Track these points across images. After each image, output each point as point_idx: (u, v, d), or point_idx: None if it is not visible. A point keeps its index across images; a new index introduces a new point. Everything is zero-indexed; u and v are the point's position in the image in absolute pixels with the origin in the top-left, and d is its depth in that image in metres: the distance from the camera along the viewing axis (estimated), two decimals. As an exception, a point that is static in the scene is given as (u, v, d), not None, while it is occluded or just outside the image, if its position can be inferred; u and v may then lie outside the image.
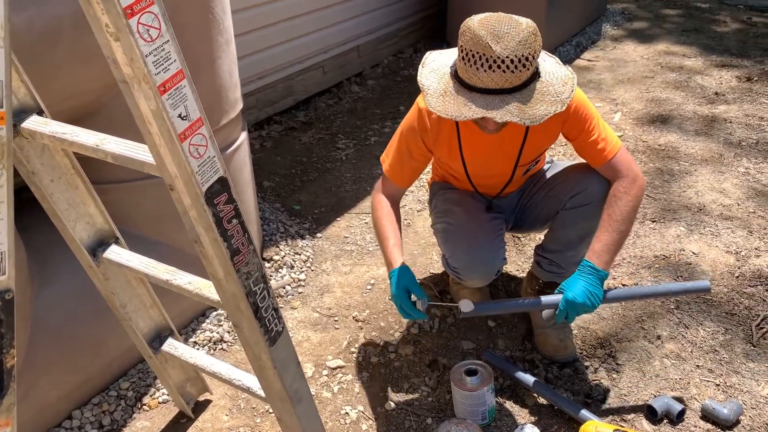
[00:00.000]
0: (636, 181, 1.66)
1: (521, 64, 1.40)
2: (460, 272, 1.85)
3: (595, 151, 1.69)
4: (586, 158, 1.75)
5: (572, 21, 4.75)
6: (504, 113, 1.41)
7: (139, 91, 0.85)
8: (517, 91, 1.44)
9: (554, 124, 1.70)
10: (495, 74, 1.40)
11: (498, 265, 1.85)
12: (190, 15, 1.72)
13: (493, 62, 1.39)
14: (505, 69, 1.39)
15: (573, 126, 1.69)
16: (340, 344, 2.02)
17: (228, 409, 1.79)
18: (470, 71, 1.43)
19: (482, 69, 1.40)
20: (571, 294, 1.56)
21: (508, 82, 1.41)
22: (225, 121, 1.98)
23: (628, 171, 1.67)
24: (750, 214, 2.57)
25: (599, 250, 1.60)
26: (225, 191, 1.00)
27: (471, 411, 1.66)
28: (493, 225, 1.88)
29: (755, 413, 1.69)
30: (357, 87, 4.16)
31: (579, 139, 1.70)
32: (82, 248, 1.33)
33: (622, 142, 1.72)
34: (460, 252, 1.83)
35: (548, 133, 1.74)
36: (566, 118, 1.67)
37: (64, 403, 1.72)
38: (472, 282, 1.92)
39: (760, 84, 3.91)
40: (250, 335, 1.18)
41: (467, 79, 1.45)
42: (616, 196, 1.65)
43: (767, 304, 2.07)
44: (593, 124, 1.68)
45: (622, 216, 1.62)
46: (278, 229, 2.57)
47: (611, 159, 1.68)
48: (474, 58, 1.41)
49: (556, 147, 3.24)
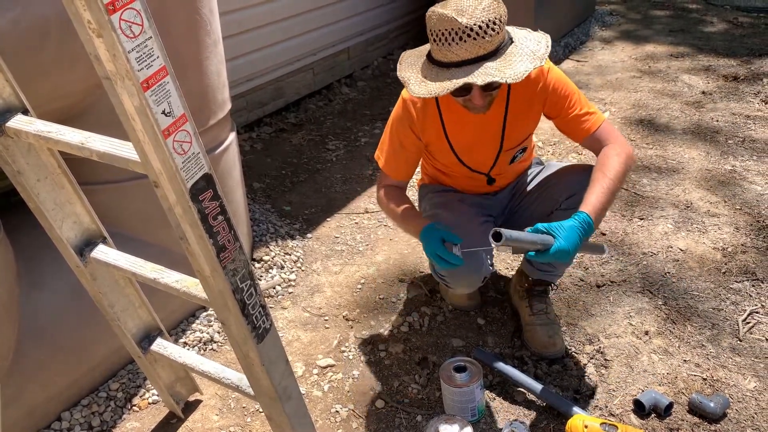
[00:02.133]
0: (625, 147, 1.66)
1: (490, 29, 1.44)
2: (447, 280, 1.83)
3: (578, 123, 1.70)
4: (570, 133, 1.75)
5: (561, 22, 4.78)
6: (485, 76, 1.44)
7: (123, 88, 0.85)
8: (492, 56, 1.47)
9: (535, 103, 1.72)
10: (467, 44, 1.44)
11: (484, 273, 1.81)
12: (177, 16, 1.73)
13: (462, 32, 1.43)
14: (475, 36, 1.43)
15: (554, 103, 1.71)
16: (331, 343, 2.02)
17: (218, 409, 1.79)
18: (444, 49, 1.47)
19: (454, 42, 1.45)
20: (567, 244, 1.46)
21: (482, 48, 1.45)
22: (213, 122, 1.98)
23: (615, 139, 1.68)
24: (736, 211, 2.60)
25: (596, 207, 1.54)
26: (210, 188, 1.00)
27: (461, 407, 1.67)
28: (481, 231, 1.86)
29: (741, 406, 1.70)
30: (347, 88, 4.17)
31: (561, 114, 1.72)
32: (69, 248, 1.33)
33: (605, 116, 1.73)
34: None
35: (530, 113, 1.75)
36: (546, 96, 1.69)
37: (53, 405, 1.71)
38: (460, 289, 1.93)
39: (746, 83, 3.95)
40: (238, 332, 1.18)
41: (443, 57, 1.49)
42: (608, 156, 1.63)
43: (753, 300, 2.09)
44: (575, 99, 1.70)
45: (615, 174, 1.59)
46: (268, 230, 2.57)
47: (595, 131, 1.69)
48: (444, 35, 1.45)
49: (546, 146, 3.26)
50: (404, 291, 2.25)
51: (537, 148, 3.21)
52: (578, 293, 2.17)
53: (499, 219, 2.01)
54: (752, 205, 2.63)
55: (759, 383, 1.77)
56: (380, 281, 2.31)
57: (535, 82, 1.69)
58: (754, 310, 2.05)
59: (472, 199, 1.94)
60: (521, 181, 1.98)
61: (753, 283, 2.17)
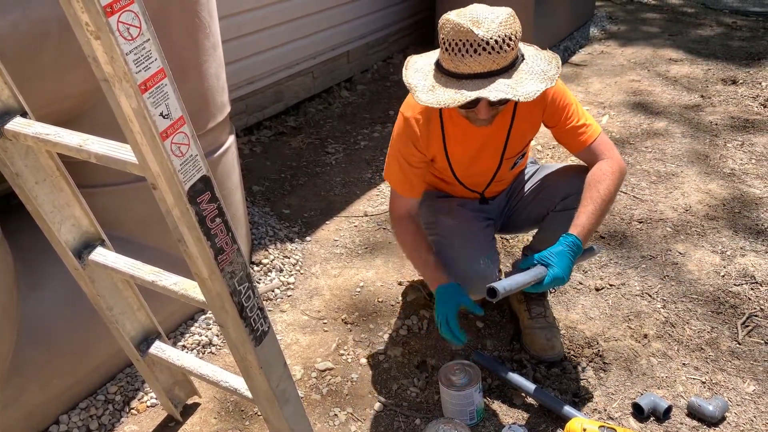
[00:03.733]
0: (618, 164, 1.68)
1: (505, 44, 1.42)
2: None
3: (575, 136, 1.71)
4: (567, 144, 1.76)
5: (560, 26, 4.79)
6: (497, 92, 1.42)
7: (120, 90, 0.85)
8: (504, 72, 1.46)
9: (536, 112, 1.72)
10: (481, 57, 1.42)
11: (493, 276, 1.79)
12: (177, 19, 1.73)
13: (477, 45, 1.41)
14: (490, 51, 1.41)
15: (553, 113, 1.71)
16: (329, 346, 2.02)
17: (216, 412, 1.79)
18: (456, 59, 1.45)
19: (468, 54, 1.42)
20: (560, 271, 1.54)
21: (495, 63, 1.43)
22: (212, 125, 1.98)
23: (610, 154, 1.69)
24: (735, 214, 2.60)
25: (585, 228, 1.59)
26: (208, 190, 1.00)
27: (459, 411, 1.67)
28: (486, 235, 1.87)
29: (740, 410, 1.70)
30: (347, 92, 4.17)
31: (559, 125, 1.72)
32: (68, 251, 1.32)
33: (601, 128, 1.74)
34: (454, 268, 1.76)
35: (531, 121, 1.76)
36: (545, 105, 1.70)
37: (51, 407, 1.71)
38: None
39: (745, 87, 3.95)
40: (236, 335, 1.18)
41: (454, 68, 1.47)
42: (603, 174, 1.65)
43: (752, 303, 2.09)
44: (572, 110, 1.71)
45: (606, 193, 1.62)
46: (267, 233, 2.57)
47: (591, 143, 1.70)
48: (458, 46, 1.43)
49: (545, 150, 3.26)
50: (403, 294, 2.25)
51: (536, 152, 3.22)
52: (577, 296, 2.17)
53: (499, 221, 2.02)
54: (751, 208, 2.64)
55: (758, 387, 1.77)
56: (379, 284, 2.31)
57: None
58: (753, 313, 2.05)
59: (472, 204, 1.95)
60: (517, 183, 1.99)
61: (752, 286, 2.17)
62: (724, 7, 5.89)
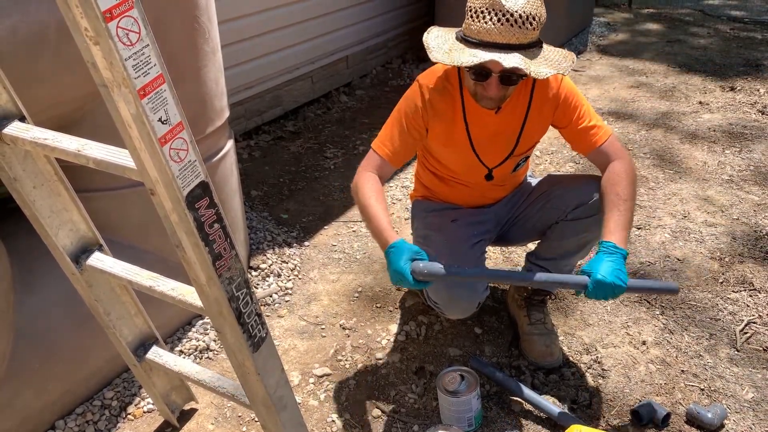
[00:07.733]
0: (630, 163, 1.67)
1: (528, 22, 1.44)
2: (441, 307, 1.79)
3: (586, 136, 1.70)
4: (578, 145, 1.75)
5: (558, 33, 4.81)
6: (511, 60, 1.42)
7: (119, 95, 0.85)
8: (522, 49, 1.47)
9: (548, 111, 1.72)
10: (503, 27, 1.43)
11: (480, 298, 1.77)
12: (176, 24, 1.73)
13: (502, 15, 1.43)
14: (513, 23, 1.43)
15: (565, 112, 1.71)
16: (327, 352, 2.01)
17: (213, 418, 1.78)
18: (479, 24, 1.46)
19: (491, 22, 1.44)
20: (600, 274, 1.44)
21: (515, 37, 1.44)
22: (211, 129, 1.98)
23: (621, 155, 1.68)
24: (734, 221, 2.60)
25: (616, 230, 1.54)
26: (206, 195, 1.00)
27: (457, 417, 1.66)
28: (474, 252, 1.83)
29: (739, 417, 1.70)
30: (346, 97, 4.18)
31: (570, 125, 1.72)
32: (65, 255, 1.32)
33: (611, 131, 1.74)
34: (440, 287, 1.74)
35: (542, 121, 1.75)
36: (558, 104, 1.70)
37: (47, 413, 1.70)
38: (454, 315, 1.85)
39: (742, 93, 3.97)
40: (234, 341, 1.17)
41: (475, 33, 1.48)
42: (619, 176, 1.63)
43: (751, 310, 2.09)
44: (584, 110, 1.71)
45: (628, 195, 1.60)
46: (265, 238, 2.56)
47: (602, 144, 1.69)
48: (484, 12, 1.45)
49: (543, 156, 3.26)
50: (401, 300, 2.24)
51: (535, 157, 3.22)
52: (576, 303, 2.17)
53: (494, 233, 1.98)
54: (749, 215, 2.64)
55: (757, 393, 1.77)
56: (377, 290, 2.31)
57: (549, 88, 1.70)
58: (752, 320, 2.04)
59: (467, 218, 1.89)
60: (519, 193, 1.97)
61: (750, 293, 2.17)
62: (723, 14, 5.92)
